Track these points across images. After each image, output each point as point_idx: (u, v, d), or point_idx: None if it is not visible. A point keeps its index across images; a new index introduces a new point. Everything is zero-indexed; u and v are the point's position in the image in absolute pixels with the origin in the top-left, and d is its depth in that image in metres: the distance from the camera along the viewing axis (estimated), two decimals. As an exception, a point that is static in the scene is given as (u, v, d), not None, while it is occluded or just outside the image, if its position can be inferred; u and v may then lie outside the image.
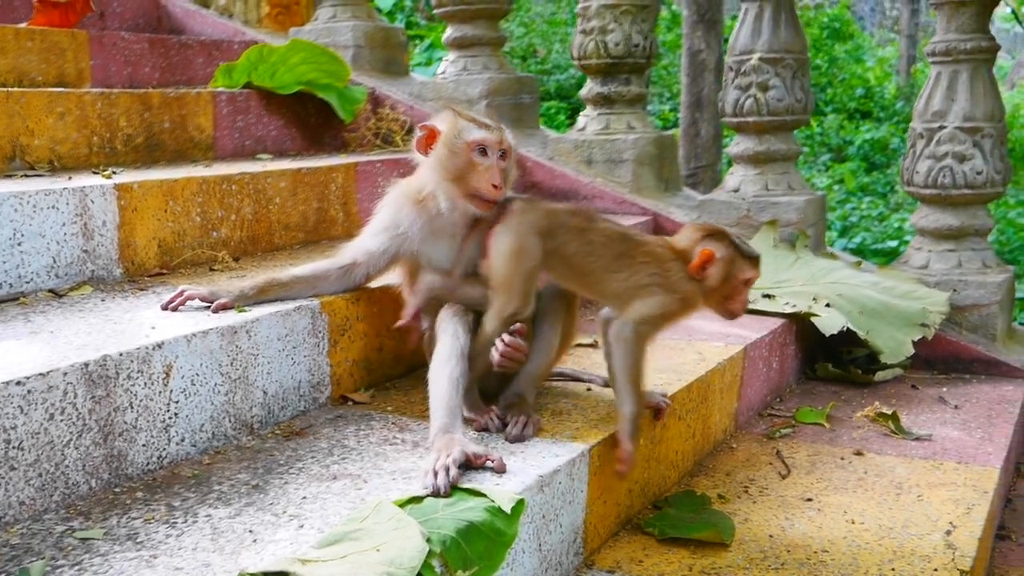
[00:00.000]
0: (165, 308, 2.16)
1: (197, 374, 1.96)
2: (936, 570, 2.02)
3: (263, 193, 2.93)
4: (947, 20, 3.65)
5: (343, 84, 3.90)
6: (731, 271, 2.18)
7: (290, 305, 2.22)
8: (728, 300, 2.21)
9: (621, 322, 2.17)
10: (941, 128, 3.62)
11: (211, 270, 2.67)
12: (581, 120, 4.32)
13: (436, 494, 1.77)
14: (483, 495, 1.76)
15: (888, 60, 19.15)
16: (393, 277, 2.42)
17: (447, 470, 1.81)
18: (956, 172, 3.58)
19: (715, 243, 2.19)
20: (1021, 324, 6.31)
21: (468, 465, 1.87)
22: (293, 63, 3.68)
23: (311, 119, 3.86)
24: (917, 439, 2.82)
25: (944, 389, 3.30)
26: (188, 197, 2.68)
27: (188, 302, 2.18)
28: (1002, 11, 24.77)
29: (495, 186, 2.18)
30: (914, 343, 3.36)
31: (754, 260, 2.23)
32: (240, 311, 2.15)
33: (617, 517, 2.21)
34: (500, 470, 1.89)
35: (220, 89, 3.60)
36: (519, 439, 2.08)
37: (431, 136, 2.23)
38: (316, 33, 4.52)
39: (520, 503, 1.74)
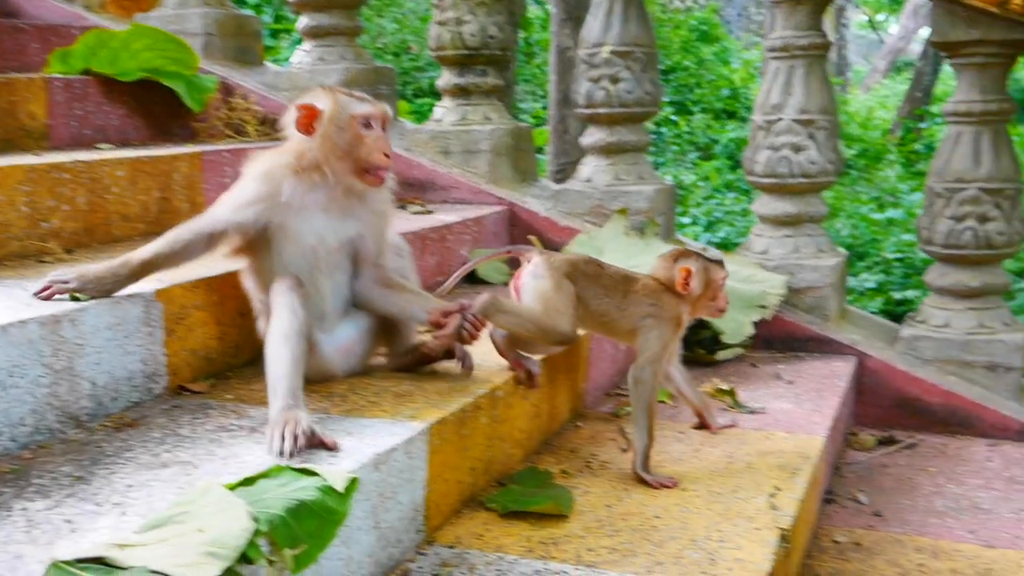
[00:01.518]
0: (37, 295, 2.11)
1: (16, 365, 1.90)
2: (758, 529, 2.13)
3: (99, 182, 2.85)
4: (784, 18, 3.80)
5: (192, 72, 3.82)
6: (707, 277, 2.58)
7: (120, 293, 2.17)
8: (713, 301, 2.61)
9: (637, 367, 2.52)
10: (779, 120, 3.78)
11: (40, 262, 2.57)
12: (438, 111, 4.34)
13: (281, 455, 1.83)
14: (316, 474, 1.76)
15: (753, 63, 19.72)
16: (233, 263, 2.39)
17: (295, 437, 1.85)
18: (792, 162, 3.75)
19: (687, 260, 2.60)
20: (874, 313, 6.62)
21: (309, 441, 1.89)
22: (136, 49, 3.59)
23: (157, 108, 3.76)
24: (752, 412, 2.96)
25: (781, 366, 3.47)
26: (13, 186, 2.58)
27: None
28: (858, 18, 25.84)
29: (386, 155, 2.29)
30: (754, 324, 3.51)
31: (720, 263, 2.66)
32: (74, 299, 2.09)
33: (460, 495, 2.24)
34: (333, 448, 1.90)
35: (55, 75, 3.46)
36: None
37: (311, 114, 2.26)
38: (164, 20, 4.40)
39: (353, 482, 1.74)
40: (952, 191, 3.53)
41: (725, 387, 3.07)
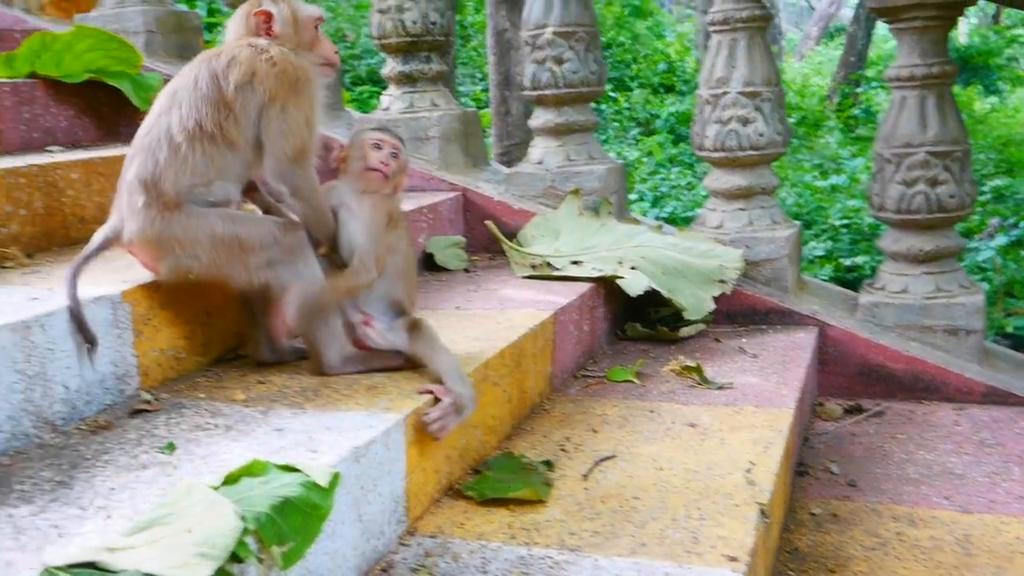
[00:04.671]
0: None
1: (-12, 373, 1.88)
2: (737, 505, 2.15)
3: (54, 186, 2.81)
4: (722, -10, 3.83)
5: (136, 71, 3.76)
6: (356, 141, 2.57)
7: (88, 296, 2.14)
8: (365, 160, 2.51)
9: None
10: (725, 94, 3.81)
11: (3, 268, 2.55)
12: (385, 100, 4.32)
13: None
14: (298, 470, 1.76)
15: (687, 35, 19.88)
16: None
17: None
18: (741, 135, 3.78)
19: None
20: (825, 280, 6.72)
21: None
22: (80, 51, 3.53)
23: (104, 108, 3.71)
24: (720, 388, 2.97)
25: (744, 340, 3.49)
26: (-31, 193, 2.55)
27: None
28: (788, -15, 26.10)
29: (336, 52, 2.51)
30: (714, 299, 3.54)
31: (379, 129, 2.58)
32: None
33: (438, 484, 2.25)
34: None
35: (1, 80, 3.41)
36: None
37: (270, 17, 2.39)
38: (104, 19, 4.33)
39: (336, 476, 1.74)
40: (901, 156, 3.58)
41: (691, 364, 3.09)
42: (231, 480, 1.73)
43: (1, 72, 3.52)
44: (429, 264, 3.66)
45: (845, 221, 10.14)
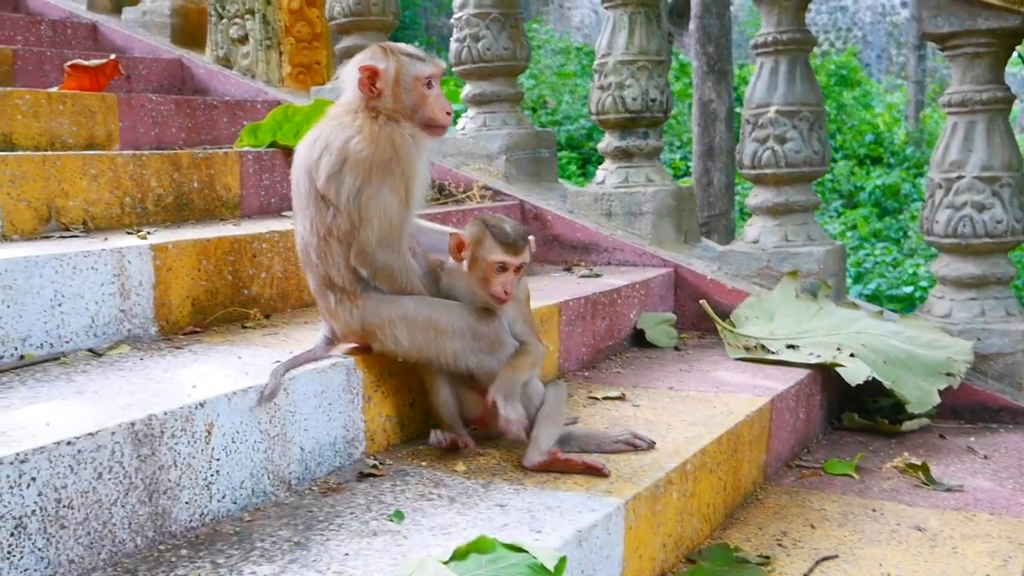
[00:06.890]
0: None
1: (238, 432, 1.98)
2: (976, 623, 2.01)
3: (292, 251, 2.96)
4: (962, 71, 3.69)
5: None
6: (478, 252, 2.32)
7: (326, 363, 2.25)
8: (486, 283, 2.33)
9: None
10: (959, 178, 3.64)
11: (243, 328, 2.70)
12: (600, 173, 4.37)
13: None
14: (524, 551, 1.77)
15: (896, 106, 19.24)
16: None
17: None
18: (976, 221, 3.60)
19: (468, 227, 2.39)
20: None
21: None
22: (316, 122, 3.74)
23: (334, 176, 3.92)
24: (948, 490, 2.80)
25: (972, 439, 3.28)
26: (220, 256, 2.73)
27: None
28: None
29: (448, 112, 2.34)
30: (940, 392, 3.35)
31: (508, 244, 2.31)
32: None
33: (652, 571, 2.21)
34: None
35: (246, 148, 3.66)
36: None
37: (374, 74, 2.29)
38: (336, 92, 4.55)
39: (562, 560, 1.74)
40: None
41: (916, 461, 2.93)
42: (460, 556, 1.75)
43: (247, 141, 3.78)
44: (639, 340, 3.65)
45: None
